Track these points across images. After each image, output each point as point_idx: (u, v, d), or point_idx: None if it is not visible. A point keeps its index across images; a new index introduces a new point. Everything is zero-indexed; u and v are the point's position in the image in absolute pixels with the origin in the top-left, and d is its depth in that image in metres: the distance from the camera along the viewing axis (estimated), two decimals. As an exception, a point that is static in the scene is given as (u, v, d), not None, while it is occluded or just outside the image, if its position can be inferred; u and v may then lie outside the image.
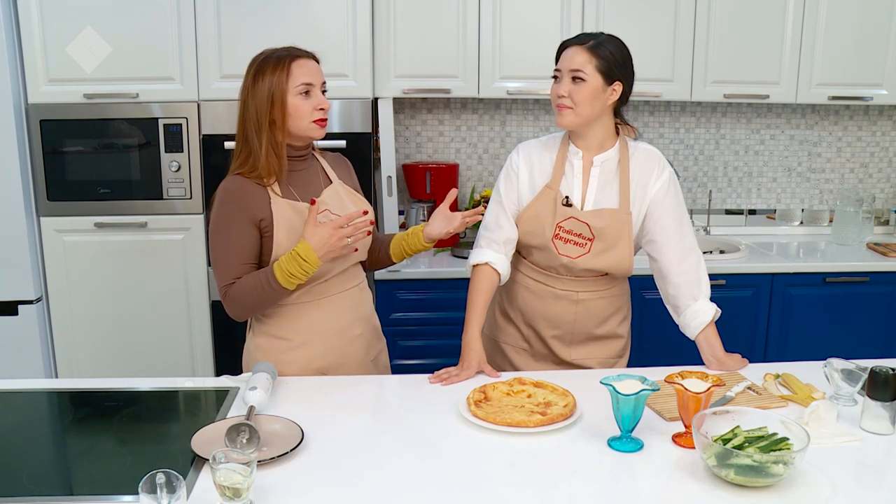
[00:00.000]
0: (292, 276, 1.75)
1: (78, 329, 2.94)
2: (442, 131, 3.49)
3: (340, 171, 2.02)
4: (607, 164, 1.99)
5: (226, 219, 1.81)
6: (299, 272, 1.74)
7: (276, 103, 1.80)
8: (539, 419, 1.58)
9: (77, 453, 1.58)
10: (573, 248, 1.97)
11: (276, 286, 1.76)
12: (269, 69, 1.80)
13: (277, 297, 1.81)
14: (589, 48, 1.88)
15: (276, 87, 1.79)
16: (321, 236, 1.74)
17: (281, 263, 1.75)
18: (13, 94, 2.71)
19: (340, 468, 1.44)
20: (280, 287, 1.76)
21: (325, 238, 1.74)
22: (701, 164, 3.63)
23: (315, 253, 1.74)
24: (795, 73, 3.20)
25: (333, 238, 1.74)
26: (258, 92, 1.80)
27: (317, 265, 1.75)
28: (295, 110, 1.81)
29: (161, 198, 2.88)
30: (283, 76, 1.79)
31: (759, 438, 1.40)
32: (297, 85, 1.80)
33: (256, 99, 1.80)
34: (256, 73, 1.81)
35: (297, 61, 1.82)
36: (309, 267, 1.75)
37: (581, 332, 2.06)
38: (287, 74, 1.80)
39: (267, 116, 1.80)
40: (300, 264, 1.74)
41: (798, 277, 3.12)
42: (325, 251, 1.75)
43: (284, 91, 1.80)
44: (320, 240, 1.74)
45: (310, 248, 1.74)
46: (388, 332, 2.18)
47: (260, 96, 1.80)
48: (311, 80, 1.82)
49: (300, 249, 1.74)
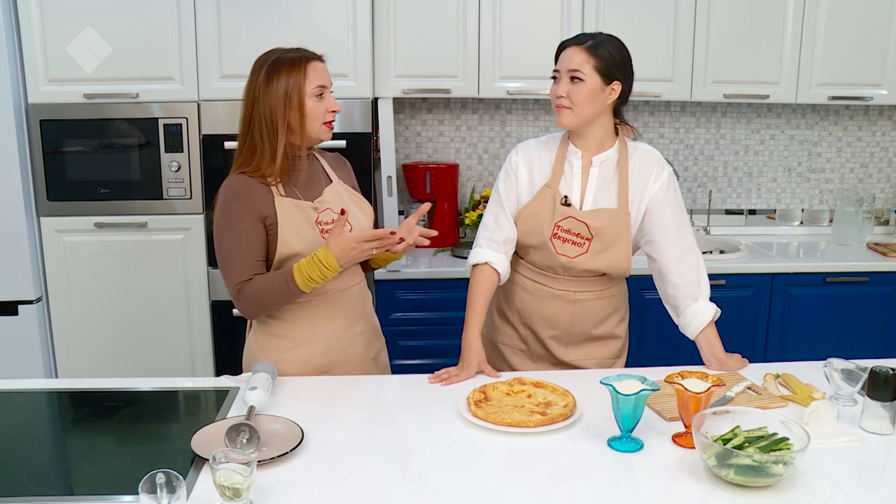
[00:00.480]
0: (312, 280, 1.77)
1: (78, 329, 2.94)
2: (442, 131, 3.49)
3: (340, 171, 2.02)
4: (606, 164, 1.99)
5: (233, 216, 1.81)
6: (319, 277, 1.77)
7: (293, 105, 1.79)
8: (539, 419, 1.58)
9: (77, 453, 1.58)
10: (571, 248, 1.97)
11: (294, 288, 1.78)
12: (285, 70, 1.79)
13: (293, 298, 1.82)
14: (587, 48, 1.88)
15: (293, 88, 1.78)
16: (343, 247, 1.76)
17: (301, 267, 1.77)
18: (13, 94, 2.71)
19: (340, 468, 1.44)
20: (297, 289, 1.78)
21: (348, 249, 1.76)
22: (701, 164, 3.63)
23: (336, 261, 1.76)
24: (795, 73, 3.20)
25: (356, 251, 1.77)
26: (273, 93, 1.78)
27: (336, 272, 1.78)
28: (311, 112, 1.81)
29: (161, 198, 2.88)
30: (300, 77, 1.79)
31: (759, 438, 1.40)
32: (314, 87, 1.80)
33: (271, 99, 1.78)
34: (270, 73, 1.79)
35: (311, 63, 1.82)
36: (329, 273, 1.77)
37: (579, 333, 2.06)
38: (304, 76, 1.79)
39: (284, 118, 1.79)
40: (321, 269, 1.76)
41: (798, 277, 3.12)
42: (346, 260, 1.78)
43: (303, 93, 1.79)
44: (342, 250, 1.76)
45: (331, 256, 1.76)
46: (388, 332, 2.18)
47: (275, 97, 1.78)
48: (324, 83, 1.83)
49: (322, 255, 1.76)
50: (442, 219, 3.32)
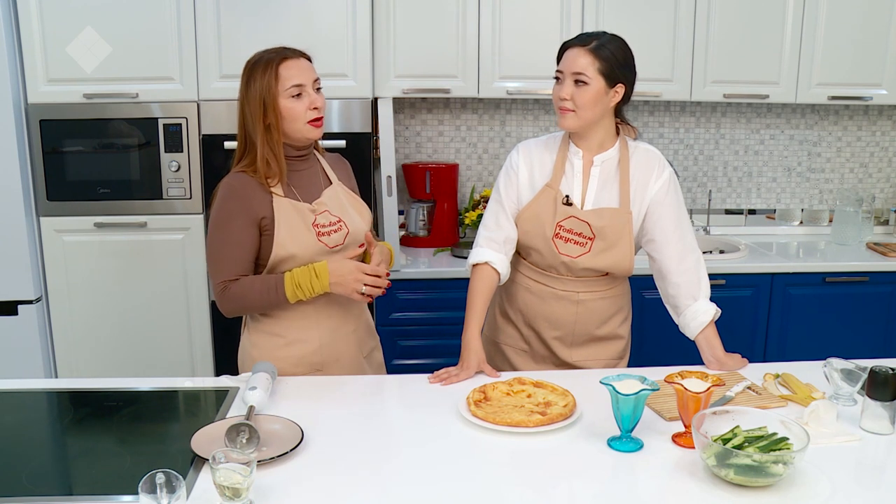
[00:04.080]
0: (298, 286, 1.79)
1: (78, 329, 2.93)
2: (442, 131, 3.49)
3: (340, 173, 2.02)
4: (607, 164, 1.99)
5: (227, 214, 1.82)
6: (307, 286, 1.79)
7: (269, 108, 1.80)
8: (539, 419, 1.58)
9: (77, 453, 1.58)
10: (574, 248, 1.97)
11: (281, 294, 1.80)
12: (259, 73, 1.80)
13: (276, 304, 1.84)
14: (591, 50, 1.87)
15: (265, 91, 1.79)
16: (342, 271, 1.79)
17: (294, 273, 1.79)
18: (13, 93, 2.71)
19: (340, 468, 1.44)
20: (283, 297, 1.80)
21: (345, 274, 1.79)
22: (701, 164, 3.63)
23: (329, 277, 1.78)
24: (795, 72, 3.20)
25: (351, 277, 1.79)
26: (251, 97, 1.81)
27: (324, 289, 1.80)
28: (288, 113, 1.81)
29: (161, 198, 2.88)
30: (271, 80, 1.79)
31: (758, 438, 1.40)
32: (287, 87, 1.80)
33: (250, 104, 1.81)
34: (248, 77, 1.82)
35: (284, 63, 1.80)
36: (318, 284, 1.79)
37: (582, 333, 2.05)
38: (276, 78, 1.79)
39: (261, 121, 1.80)
40: (311, 279, 1.78)
41: (798, 277, 3.12)
42: (338, 282, 1.80)
43: (275, 95, 1.79)
44: (339, 271, 1.79)
45: (326, 272, 1.78)
46: (388, 332, 2.19)
47: (252, 101, 1.80)
48: (300, 81, 1.81)
49: (317, 267, 1.79)
50: (442, 219, 3.32)
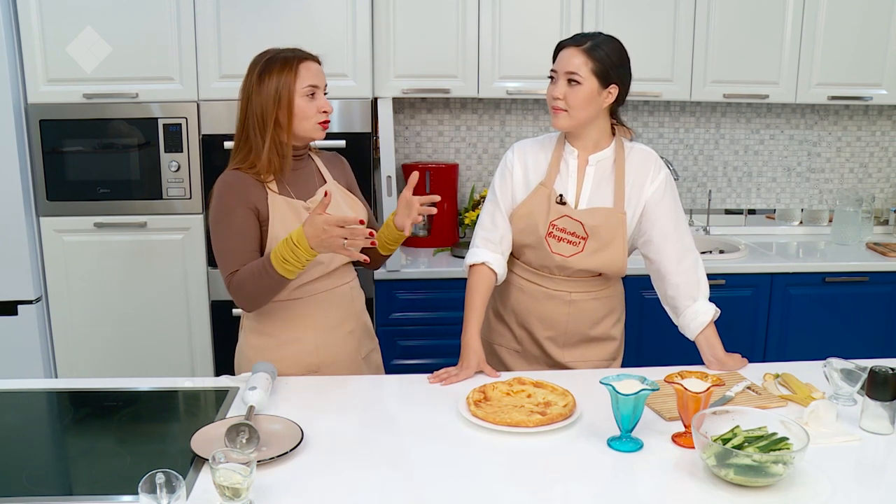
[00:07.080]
0: (286, 261, 1.71)
1: (78, 329, 2.93)
2: (441, 131, 3.49)
3: (335, 171, 2.03)
4: (602, 164, 1.99)
5: (227, 207, 1.82)
6: (291, 257, 1.70)
7: (283, 104, 1.81)
8: (539, 419, 1.59)
9: (77, 453, 1.58)
10: (567, 247, 1.97)
11: (273, 272, 1.73)
12: (277, 69, 1.81)
13: (277, 284, 1.77)
14: (585, 50, 1.87)
15: (283, 87, 1.81)
16: (316, 227, 1.68)
17: (277, 250, 1.73)
18: (13, 93, 2.71)
19: (340, 468, 1.44)
20: (277, 274, 1.73)
21: (319, 231, 1.68)
22: (700, 164, 3.63)
23: (308, 241, 1.69)
24: (795, 72, 3.20)
25: (326, 234, 1.68)
26: (264, 91, 1.81)
27: (308, 253, 1.70)
28: (301, 111, 1.83)
29: (160, 198, 2.88)
30: (290, 77, 1.81)
31: (758, 438, 1.40)
32: (305, 86, 1.82)
33: (262, 97, 1.81)
34: (262, 72, 1.82)
35: (304, 63, 1.84)
36: (301, 253, 1.70)
37: (575, 334, 2.05)
38: (295, 75, 1.82)
39: (273, 116, 1.81)
40: (292, 249, 1.70)
41: (797, 277, 3.12)
42: (317, 242, 1.69)
43: (292, 92, 1.82)
44: (314, 230, 1.68)
45: (303, 235, 1.69)
46: (387, 332, 2.19)
47: (266, 95, 1.81)
48: (316, 83, 1.85)
49: (293, 234, 1.71)
50: (441, 219, 3.32)
